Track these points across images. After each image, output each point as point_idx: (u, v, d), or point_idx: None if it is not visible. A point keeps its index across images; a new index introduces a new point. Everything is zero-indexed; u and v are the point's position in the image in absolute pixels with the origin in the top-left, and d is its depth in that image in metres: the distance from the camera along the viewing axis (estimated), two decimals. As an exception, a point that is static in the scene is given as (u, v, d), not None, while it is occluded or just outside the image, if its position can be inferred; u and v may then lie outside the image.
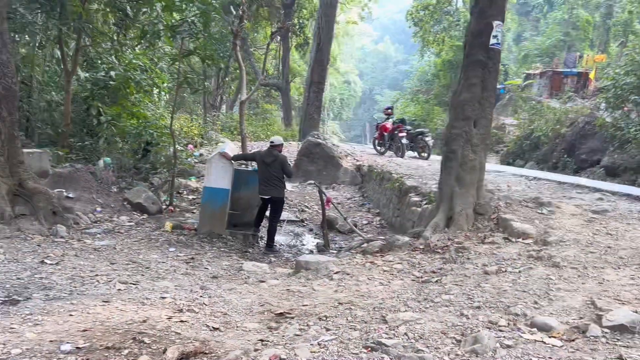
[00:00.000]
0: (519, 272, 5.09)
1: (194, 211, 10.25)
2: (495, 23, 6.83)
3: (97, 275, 5.73)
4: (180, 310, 4.51)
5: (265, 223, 9.16)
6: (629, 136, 15.73)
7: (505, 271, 5.15)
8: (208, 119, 23.88)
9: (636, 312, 3.88)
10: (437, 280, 5.18)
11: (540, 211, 6.84)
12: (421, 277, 5.37)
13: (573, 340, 3.66)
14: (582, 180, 11.56)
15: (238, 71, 22.75)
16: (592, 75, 28.68)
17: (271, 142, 8.99)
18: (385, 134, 16.83)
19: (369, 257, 6.41)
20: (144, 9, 12.72)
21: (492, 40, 6.82)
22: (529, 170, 15.59)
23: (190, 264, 6.88)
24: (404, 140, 15.88)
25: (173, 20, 12.91)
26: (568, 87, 29.13)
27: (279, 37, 30.78)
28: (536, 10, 48.95)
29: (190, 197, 11.53)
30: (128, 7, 12.59)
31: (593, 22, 40.13)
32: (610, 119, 17.76)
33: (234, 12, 14.82)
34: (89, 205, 9.16)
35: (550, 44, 40.07)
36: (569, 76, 30.43)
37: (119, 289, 5.24)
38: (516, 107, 28.07)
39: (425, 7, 38.72)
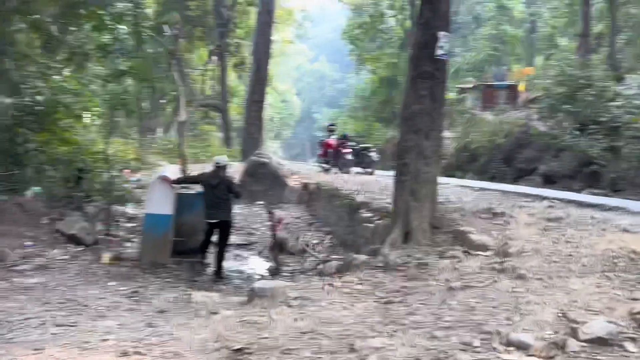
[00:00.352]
0: (485, 286, 4.92)
1: (134, 240, 9.65)
2: (441, 34, 6.76)
3: (27, 318, 5.15)
4: (126, 354, 4.04)
5: (213, 249, 8.68)
6: (563, 144, 16.29)
7: (471, 286, 4.97)
8: (144, 142, 23.05)
9: (611, 322, 3.75)
10: (401, 300, 4.93)
11: (496, 222, 6.77)
12: (384, 298, 5.11)
13: (552, 358, 3.47)
14: (526, 189, 11.75)
15: (174, 93, 22.16)
16: (521, 87, 29.73)
17: (216, 162, 8.57)
18: (329, 150, 16.69)
19: (327, 279, 6.10)
20: (72, 29, 12.09)
21: (439, 51, 6.74)
22: (472, 181, 15.78)
23: (134, 298, 6.36)
24: (349, 157, 15.78)
25: (104, 40, 12.34)
26: (500, 100, 30.01)
27: (215, 57, 30.39)
28: (464, 27, 50.72)
29: (129, 224, 10.89)
30: (54, 28, 11.91)
31: (519, 37, 41.92)
32: (544, 128, 18.39)
33: (168, 32, 14.39)
34: (16, 240, 8.43)
35: (480, 59, 41.51)
36: (500, 89, 31.35)
37: (54, 333, 4.69)
38: (452, 121, 28.73)
39: (359, 25, 39.41)
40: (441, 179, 14.24)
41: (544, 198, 9.08)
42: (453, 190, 10.61)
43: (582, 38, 25.49)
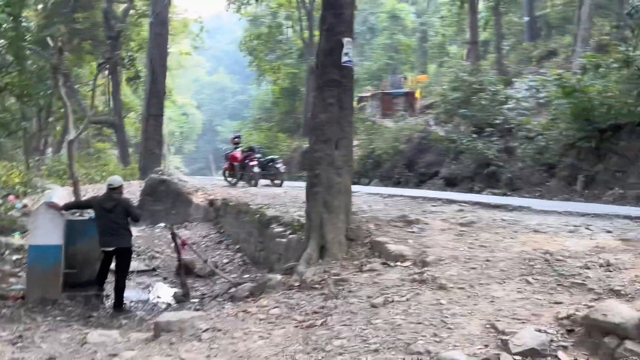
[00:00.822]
0: (407, 300, 4.70)
1: (20, 274, 8.60)
2: (346, 40, 6.57)
3: None
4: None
5: (111, 278, 7.89)
6: (462, 147, 16.88)
7: (393, 301, 4.73)
8: (31, 164, 21.20)
9: (540, 330, 3.63)
10: (322, 323, 4.59)
11: (410, 230, 6.64)
12: (304, 321, 4.75)
13: (487, 374, 3.29)
14: (433, 193, 11.92)
15: (62, 110, 20.63)
16: (418, 94, 30.76)
17: (109, 184, 7.81)
18: (236, 163, 16.14)
19: (240, 305, 5.65)
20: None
21: (344, 58, 6.54)
22: (380, 188, 15.91)
23: (18, 344, 5.51)
24: (256, 169, 15.33)
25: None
26: (398, 107, 30.84)
27: (107, 71, 28.84)
28: (360, 37, 51.99)
29: (15, 257, 9.74)
30: None
31: (412, 45, 43.59)
32: (442, 132, 19.01)
33: (53, 45, 13.28)
34: None
35: (377, 68, 42.63)
36: (397, 96, 32.22)
37: None
38: (355, 128, 29.13)
39: (257, 36, 39.14)
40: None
41: (452, 201, 9.17)
42: (363, 198, 10.51)
43: (471, 45, 26.82)
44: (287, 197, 11.27)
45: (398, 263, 5.64)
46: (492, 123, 16.69)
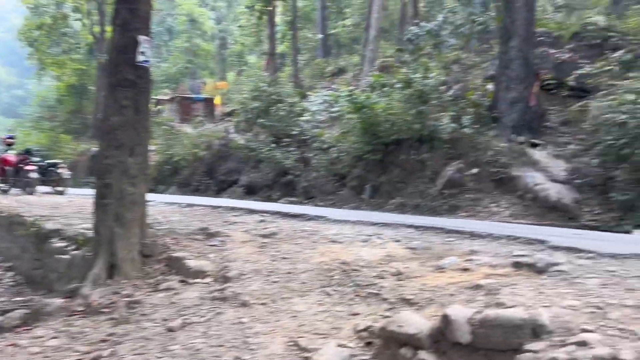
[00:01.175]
0: (208, 320, 4.42)
1: None
2: (141, 38, 6.05)
3: None
4: None
5: None
6: (261, 156, 17.11)
7: (192, 323, 4.41)
8: None
9: (341, 345, 3.63)
10: (111, 353, 4.08)
11: (211, 243, 6.34)
12: (89, 352, 4.17)
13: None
14: (233, 202, 11.76)
15: None
16: (217, 100, 30.56)
17: None
18: (8, 168, 14.06)
19: (9, 336, 4.77)
20: None
21: (140, 57, 6.01)
22: (178, 196, 15.29)
23: None
24: (34, 175, 13.53)
25: None
26: (197, 112, 30.26)
27: None
28: (157, 38, 50.04)
29: None
30: None
31: (211, 51, 43.32)
32: (242, 141, 19.06)
33: None
34: None
35: (176, 71, 41.42)
36: (197, 102, 31.66)
37: None
38: (152, 133, 27.74)
39: (39, 26, 35.27)
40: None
41: (253, 211, 9.08)
42: (159, 208, 9.88)
43: (269, 56, 27.52)
44: (72, 207, 10.11)
45: (198, 280, 5.32)
46: (289, 134, 17.22)
